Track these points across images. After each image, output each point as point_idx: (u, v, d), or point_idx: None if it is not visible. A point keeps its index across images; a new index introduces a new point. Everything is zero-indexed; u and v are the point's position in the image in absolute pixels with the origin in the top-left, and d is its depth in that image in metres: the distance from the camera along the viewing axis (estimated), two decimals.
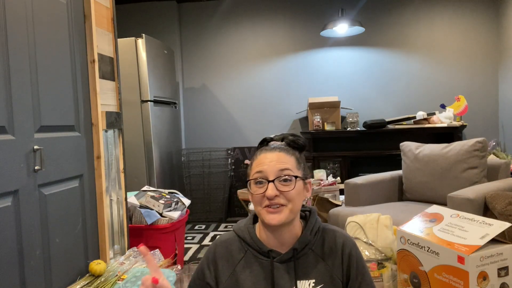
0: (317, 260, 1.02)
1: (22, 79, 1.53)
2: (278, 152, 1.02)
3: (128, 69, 3.30)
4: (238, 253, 1.04)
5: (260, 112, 4.41)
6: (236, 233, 1.08)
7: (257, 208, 1.00)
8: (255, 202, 1.00)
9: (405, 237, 1.54)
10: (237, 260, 1.03)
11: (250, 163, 1.06)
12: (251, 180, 1.01)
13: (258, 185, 0.99)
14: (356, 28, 3.81)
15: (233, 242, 1.06)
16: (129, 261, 1.99)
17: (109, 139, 2.14)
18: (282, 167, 0.99)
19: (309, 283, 1.00)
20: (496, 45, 4.02)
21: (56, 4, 1.75)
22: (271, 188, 0.97)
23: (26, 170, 1.54)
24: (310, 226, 1.05)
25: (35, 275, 1.57)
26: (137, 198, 2.56)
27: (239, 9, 4.39)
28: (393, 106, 4.21)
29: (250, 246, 1.04)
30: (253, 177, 1.00)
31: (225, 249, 1.05)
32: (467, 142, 2.45)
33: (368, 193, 2.60)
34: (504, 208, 1.89)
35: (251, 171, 1.03)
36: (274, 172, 0.98)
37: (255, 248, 1.03)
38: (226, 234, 1.10)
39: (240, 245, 1.06)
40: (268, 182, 0.97)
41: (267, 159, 1.00)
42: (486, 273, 1.29)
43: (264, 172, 0.99)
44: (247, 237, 1.05)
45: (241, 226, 1.09)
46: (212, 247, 1.07)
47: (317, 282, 1.00)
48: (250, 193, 1.01)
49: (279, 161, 1.00)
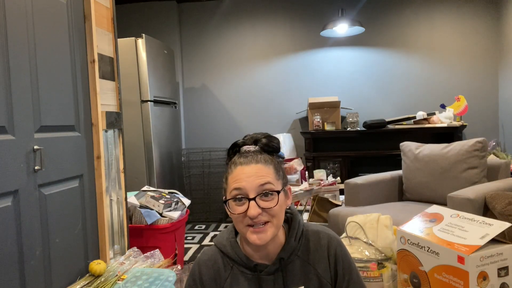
0: (304, 266, 0.99)
1: (22, 79, 1.53)
2: (255, 164, 0.94)
3: (128, 69, 3.30)
4: (224, 271, 0.99)
5: (260, 112, 4.41)
6: (219, 249, 1.02)
7: (238, 227, 0.94)
8: (236, 221, 0.93)
9: (405, 237, 1.54)
10: (224, 279, 0.99)
11: (225, 178, 0.97)
12: (229, 199, 0.93)
13: (238, 203, 0.92)
14: (356, 28, 3.81)
15: (217, 259, 1.01)
16: (129, 261, 1.99)
17: (109, 139, 2.14)
18: (262, 182, 0.92)
19: None
20: (496, 45, 4.02)
21: (56, 4, 1.75)
22: (253, 207, 0.90)
23: (26, 170, 1.54)
24: (293, 232, 1.00)
25: (35, 275, 1.57)
26: (137, 198, 2.56)
27: (239, 9, 4.39)
28: (393, 106, 4.21)
29: (235, 261, 0.99)
30: (231, 195, 0.92)
31: (210, 269, 1.00)
32: (467, 142, 2.45)
33: (368, 193, 2.60)
34: (504, 208, 1.89)
35: (227, 187, 0.95)
36: (254, 189, 0.91)
37: (241, 263, 0.99)
38: (208, 250, 1.04)
39: (224, 261, 1.00)
40: (249, 201, 0.90)
41: (244, 174, 0.92)
42: (486, 273, 1.29)
43: (243, 189, 0.91)
44: (231, 253, 1.00)
45: (223, 241, 1.03)
46: (196, 268, 1.01)
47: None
48: (229, 212, 0.94)
49: (258, 175, 0.92)
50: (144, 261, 2.02)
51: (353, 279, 1.00)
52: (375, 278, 1.65)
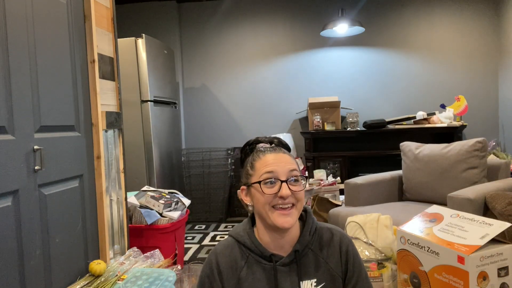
0: (317, 259, 1.04)
1: (22, 79, 1.53)
2: (283, 153, 1.03)
3: (128, 69, 3.30)
4: (240, 260, 1.03)
5: (260, 112, 4.41)
6: (236, 239, 1.06)
7: (265, 209, 0.99)
8: (263, 203, 0.99)
9: (405, 237, 1.54)
10: (240, 267, 1.02)
11: (250, 164, 1.04)
12: (260, 181, 0.99)
13: (269, 185, 0.99)
14: (356, 28, 3.81)
15: (233, 248, 1.05)
16: (129, 261, 1.99)
17: (109, 139, 2.14)
18: (291, 168, 1.01)
19: (311, 282, 1.01)
20: (496, 45, 4.02)
21: (56, 4, 1.75)
22: (285, 188, 0.98)
23: (26, 170, 1.54)
24: (308, 226, 1.06)
25: (35, 275, 1.57)
26: (137, 198, 2.56)
27: (239, 9, 4.39)
28: (393, 106, 4.21)
29: (252, 251, 1.03)
30: (263, 177, 0.99)
31: (228, 257, 1.04)
32: (467, 142, 2.45)
33: (368, 193, 2.60)
34: (504, 208, 1.89)
35: (255, 172, 1.02)
36: (285, 173, 0.99)
37: (257, 253, 1.03)
38: (224, 241, 1.08)
39: (241, 250, 1.04)
40: (281, 182, 0.98)
41: (275, 160, 1.01)
42: (486, 273, 1.29)
43: (275, 172, 0.99)
44: (247, 242, 1.04)
45: (239, 231, 1.08)
46: (213, 257, 1.05)
47: (319, 281, 1.02)
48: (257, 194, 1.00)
49: (287, 162, 1.01)
50: (144, 261, 2.02)
51: (362, 277, 1.05)
52: (375, 278, 1.65)
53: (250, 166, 1.04)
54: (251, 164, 1.04)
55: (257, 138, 1.11)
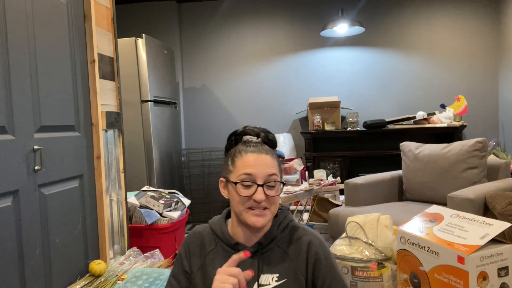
0: (283, 256, 1.05)
1: (22, 79, 1.53)
2: (265, 154, 1.03)
3: (128, 69, 3.30)
4: (209, 245, 1.09)
5: (260, 112, 4.41)
6: (210, 226, 1.12)
7: (238, 208, 1.01)
8: (238, 202, 1.01)
9: (405, 237, 1.54)
10: (207, 252, 1.08)
11: (231, 160, 1.05)
12: (237, 182, 1.01)
13: (244, 186, 1.00)
14: (356, 28, 3.81)
15: (206, 234, 1.11)
16: (129, 261, 1.99)
17: (109, 139, 2.14)
18: (270, 172, 1.01)
19: (272, 277, 1.03)
20: (496, 45, 4.02)
21: (56, 4, 1.75)
22: (260, 192, 0.99)
23: (26, 170, 1.54)
24: (277, 222, 1.08)
25: (35, 275, 1.57)
26: (137, 198, 2.56)
27: (239, 9, 4.39)
28: (393, 106, 4.21)
29: (220, 239, 1.08)
30: (240, 178, 1.01)
31: (198, 240, 1.10)
32: (467, 142, 2.45)
33: (368, 193, 2.60)
34: (504, 208, 1.89)
35: (234, 170, 1.03)
36: (263, 177, 1.00)
37: (224, 240, 1.07)
38: (201, 226, 1.14)
39: (212, 237, 1.10)
40: (257, 186, 0.99)
41: (255, 162, 1.01)
42: (486, 273, 1.29)
43: (253, 175, 1.00)
44: (217, 231, 1.09)
45: (215, 220, 1.13)
46: (187, 239, 1.12)
47: (281, 277, 1.03)
48: (232, 192, 1.02)
49: (268, 165, 1.02)
50: (144, 261, 2.02)
51: (336, 279, 1.05)
52: (375, 278, 1.65)
53: (231, 161, 1.05)
54: (232, 159, 1.05)
55: (245, 129, 1.11)
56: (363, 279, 1.65)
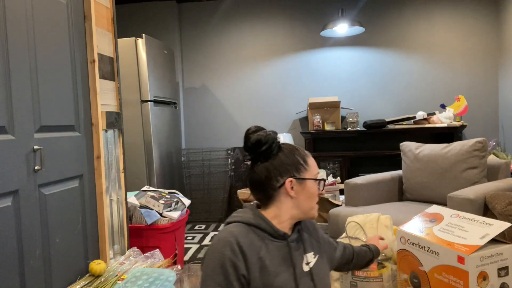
0: (309, 237, 1.22)
1: (22, 79, 1.53)
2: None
3: (128, 69, 3.30)
4: (257, 241, 1.09)
5: (260, 112, 4.41)
6: (249, 223, 1.11)
7: (310, 204, 1.14)
8: (311, 198, 1.14)
9: (405, 237, 1.54)
10: (259, 247, 1.08)
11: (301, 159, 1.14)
12: (318, 180, 1.15)
13: (320, 184, 1.15)
14: (356, 28, 3.81)
15: (249, 232, 1.10)
16: (129, 261, 1.99)
17: (109, 139, 2.14)
18: None
19: (310, 255, 1.18)
20: (496, 45, 4.02)
21: (56, 4, 1.75)
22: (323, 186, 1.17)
23: (26, 170, 1.54)
24: None
25: (35, 275, 1.57)
26: (137, 198, 2.56)
27: (239, 9, 4.39)
28: (393, 106, 4.21)
29: (267, 232, 1.11)
30: (318, 176, 1.16)
31: (247, 239, 1.07)
32: (467, 142, 2.45)
33: (368, 193, 2.60)
34: (504, 208, 1.89)
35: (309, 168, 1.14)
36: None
37: (271, 233, 1.11)
38: (234, 227, 1.09)
39: (256, 233, 1.10)
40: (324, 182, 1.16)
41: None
42: (486, 273, 1.29)
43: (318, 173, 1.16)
44: (263, 225, 1.11)
45: (250, 216, 1.13)
46: (232, 240, 1.05)
47: (315, 254, 1.20)
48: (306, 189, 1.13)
49: None
50: (144, 261, 2.02)
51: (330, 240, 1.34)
52: (375, 278, 1.65)
53: (304, 162, 1.14)
54: (303, 159, 1.14)
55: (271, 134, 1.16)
56: (363, 279, 1.65)
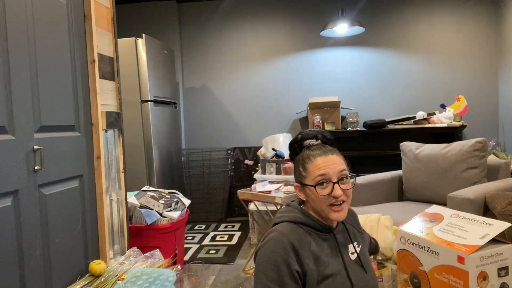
0: (351, 228, 1.26)
1: (22, 79, 1.53)
2: (331, 154, 1.16)
3: (128, 69, 3.30)
4: (306, 236, 1.13)
5: (260, 112, 4.41)
6: (295, 221, 1.16)
7: (321, 206, 1.14)
8: (319, 201, 1.13)
9: (405, 237, 1.54)
10: (308, 242, 1.12)
11: (303, 166, 1.16)
12: (315, 185, 1.12)
13: (321, 187, 1.12)
14: (356, 28, 3.81)
15: (296, 229, 1.14)
16: (129, 261, 1.99)
17: (109, 139, 2.14)
18: (341, 168, 1.14)
19: (354, 245, 1.22)
20: (496, 45, 4.02)
21: (56, 4, 1.75)
22: (337, 189, 1.12)
23: (26, 170, 1.54)
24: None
25: (35, 275, 1.57)
26: (137, 198, 2.56)
27: (239, 9, 4.39)
28: (393, 106, 4.21)
29: (313, 227, 1.16)
30: (316, 181, 1.12)
31: (297, 236, 1.12)
32: (467, 142, 2.45)
33: (368, 193, 2.60)
34: (504, 208, 1.89)
35: (308, 174, 1.14)
36: (336, 174, 1.13)
37: (318, 228, 1.16)
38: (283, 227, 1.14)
39: (303, 230, 1.15)
40: (333, 184, 1.12)
41: (326, 163, 1.13)
42: (486, 273, 1.29)
43: (327, 174, 1.12)
44: (309, 221, 1.16)
45: (296, 215, 1.18)
46: (283, 238, 1.10)
47: (358, 243, 1.24)
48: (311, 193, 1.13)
49: (336, 163, 1.15)
50: (144, 261, 2.02)
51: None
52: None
53: (303, 168, 1.16)
54: (302, 165, 1.16)
55: (302, 135, 1.21)
56: None
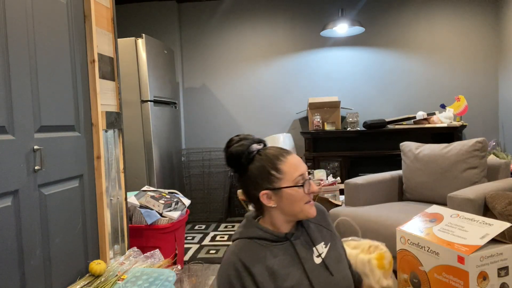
0: (316, 226, 1.20)
1: (22, 79, 1.53)
2: (293, 152, 1.15)
3: (128, 69, 3.30)
4: (261, 251, 1.09)
5: (260, 112, 4.41)
6: (248, 237, 1.12)
7: (299, 207, 1.10)
8: (297, 202, 1.09)
9: (405, 237, 1.54)
10: (263, 257, 1.08)
11: (273, 169, 1.09)
12: (297, 185, 1.08)
13: (301, 188, 1.09)
14: (356, 28, 3.81)
15: (250, 245, 1.10)
16: (129, 261, 1.99)
17: (109, 139, 2.14)
18: (305, 165, 1.13)
19: (321, 245, 1.16)
20: (496, 45, 4.02)
21: (56, 4, 1.75)
22: (313, 184, 1.11)
23: (26, 170, 1.54)
24: None
25: (35, 275, 1.57)
26: (137, 198, 2.56)
27: (239, 9, 4.39)
28: (393, 106, 4.21)
29: (268, 239, 1.11)
30: (296, 182, 1.09)
31: (249, 253, 1.08)
32: (467, 142, 2.45)
33: (368, 193, 2.60)
34: (504, 208, 1.89)
35: (285, 176, 1.09)
36: (306, 171, 1.12)
37: (273, 239, 1.11)
38: (235, 245, 1.10)
39: (258, 244, 1.10)
40: (309, 180, 1.10)
41: (297, 161, 1.11)
42: (486, 273, 1.29)
43: (304, 173, 1.10)
44: (262, 234, 1.11)
45: (248, 229, 1.14)
46: (234, 258, 1.07)
47: (326, 243, 1.18)
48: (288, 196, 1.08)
49: (301, 160, 1.14)
50: (144, 261, 2.02)
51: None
52: None
53: (275, 170, 1.09)
54: (274, 168, 1.09)
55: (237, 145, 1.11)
56: None
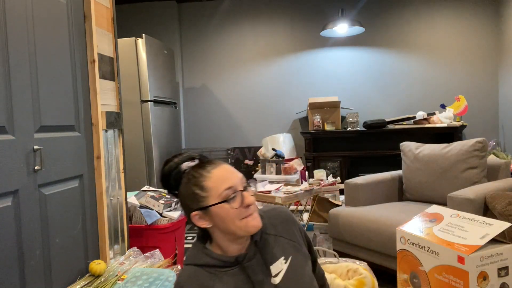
0: (276, 239, 1.05)
1: (22, 79, 1.53)
2: (223, 164, 1.00)
3: (128, 69, 3.30)
4: (209, 280, 0.98)
5: (260, 112, 4.41)
6: (196, 264, 1.01)
7: (235, 224, 0.96)
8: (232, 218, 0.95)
9: (405, 237, 1.54)
10: (212, 286, 0.97)
11: (196, 188, 0.97)
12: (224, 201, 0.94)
13: (232, 200, 0.95)
14: (356, 28, 3.81)
15: (197, 274, 0.99)
16: (129, 261, 1.99)
17: (109, 139, 2.14)
18: (240, 175, 0.99)
19: (280, 262, 1.02)
20: (496, 45, 4.02)
21: (56, 4, 1.75)
22: (248, 196, 0.96)
23: (26, 170, 1.54)
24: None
25: (35, 275, 1.57)
26: (137, 198, 2.56)
27: (239, 9, 4.39)
28: (393, 106, 4.21)
29: (216, 266, 1.00)
30: (224, 195, 0.95)
31: (195, 284, 0.97)
32: (467, 142, 2.45)
33: (368, 193, 2.60)
34: (504, 208, 1.89)
35: (210, 193, 0.96)
36: (240, 181, 0.97)
37: (222, 265, 1.00)
38: (183, 272, 1.01)
39: (206, 272, 0.99)
40: (241, 192, 0.96)
41: (226, 172, 0.97)
42: (486, 273, 1.29)
43: (234, 186, 0.96)
44: (209, 261, 1.00)
45: (195, 256, 1.02)
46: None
47: (286, 258, 1.04)
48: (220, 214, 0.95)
49: (234, 171, 0.99)
50: (144, 261, 2.02)
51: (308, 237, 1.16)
52: None
53: (200, 189, 0.96)
54: (198, 186, 0.97)
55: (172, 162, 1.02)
56: None
